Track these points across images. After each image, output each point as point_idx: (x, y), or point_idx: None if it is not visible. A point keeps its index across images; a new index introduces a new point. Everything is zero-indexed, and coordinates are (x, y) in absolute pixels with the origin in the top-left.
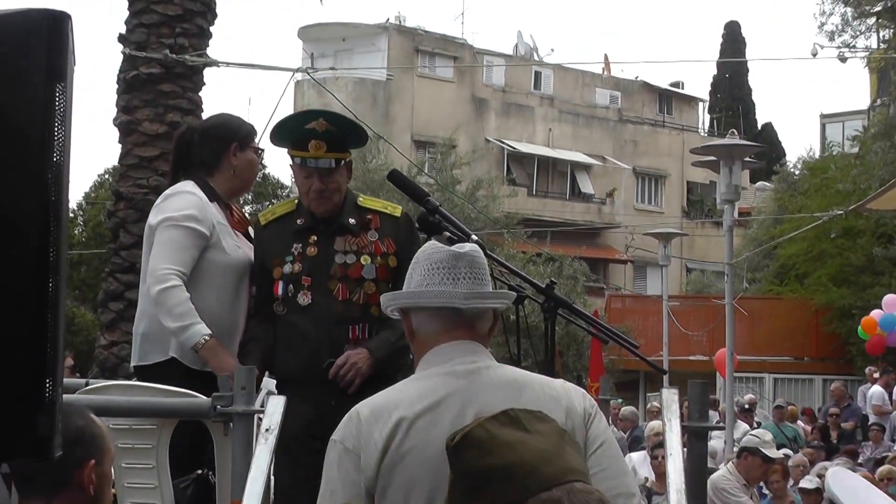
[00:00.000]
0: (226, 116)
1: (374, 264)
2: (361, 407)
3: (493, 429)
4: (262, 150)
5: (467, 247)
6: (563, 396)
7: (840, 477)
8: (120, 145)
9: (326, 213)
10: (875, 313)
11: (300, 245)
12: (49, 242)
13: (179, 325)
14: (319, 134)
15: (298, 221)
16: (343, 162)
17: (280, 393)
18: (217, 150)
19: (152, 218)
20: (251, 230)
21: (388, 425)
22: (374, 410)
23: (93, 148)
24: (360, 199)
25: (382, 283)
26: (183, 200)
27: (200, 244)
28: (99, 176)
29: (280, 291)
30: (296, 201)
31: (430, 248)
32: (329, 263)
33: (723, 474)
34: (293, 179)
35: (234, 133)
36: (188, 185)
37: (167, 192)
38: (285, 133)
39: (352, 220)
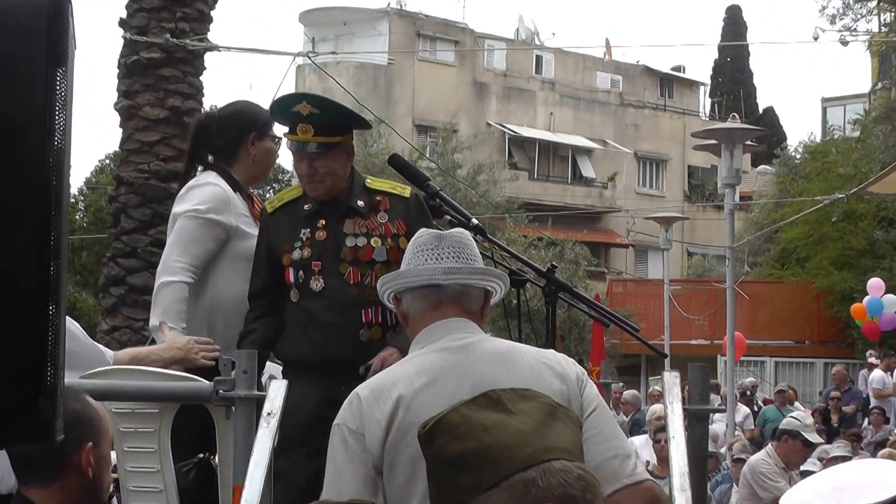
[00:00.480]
0: (244, 104)
1: (385, 246)
2: (360, 389)
3: (469, 412)
4: (280, 139)
5: (454, 230)
6: (556, 363)
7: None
8: (121, 130)
9: (321, 196)
10: (866, 300)
11: (308, 230)
12: (50, 227)
13: (157, 323)
14: (304, 117)
15: (306, 206)
16: (338, 146)
17: (289, 377)
18: (235, 139)
19: (176, 208)
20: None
21: (389, 403)
22: (373, 391)
23: (93, 133)
24: (369, 180)
25: (394, 265)
26: (205, 192)
27: (219, 236)
28: (100, 161)
29: (292, 278)
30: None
31: (417, 234)
32: (339, 247)
33: (761, 458)
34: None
35: (252, 122)
36: (211, 176)
37: (190, 182)
38: (276, 116)
39: (360, 203)
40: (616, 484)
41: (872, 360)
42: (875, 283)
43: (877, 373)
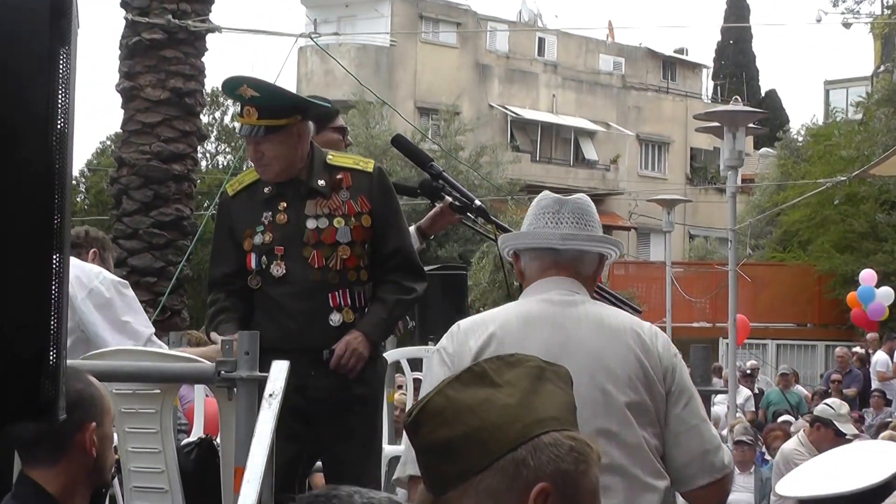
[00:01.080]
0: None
1: (349, 226)
2: (462, 321)
3: (455, 393)
4: (346, 129)
5: (576, 195)
6: (648, 335)
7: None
8: (122, 111)
9: (272, 180)
10: (859, 289)
11: (270, 213)
12: (54, 209)
13: None
14: (246, 100)
15: (266, 189)
16: (284, 128)
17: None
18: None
19: None
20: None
21: (484, 335)
22: (472, 323)
23: (95, 115)
24: (330, 156)
25: (358, 244)
26: None
27: None
28: (101, 143)
29: (253, 264)
30: None
31: (540, 196)
32: (301, 230)
33: (794, 446)
34: None
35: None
36: None
37: None
38: (228, 97)
39: (321, 182)
40: (709, 478)
41: (858, 348)
42: (867, 275)
43: (880, 355)
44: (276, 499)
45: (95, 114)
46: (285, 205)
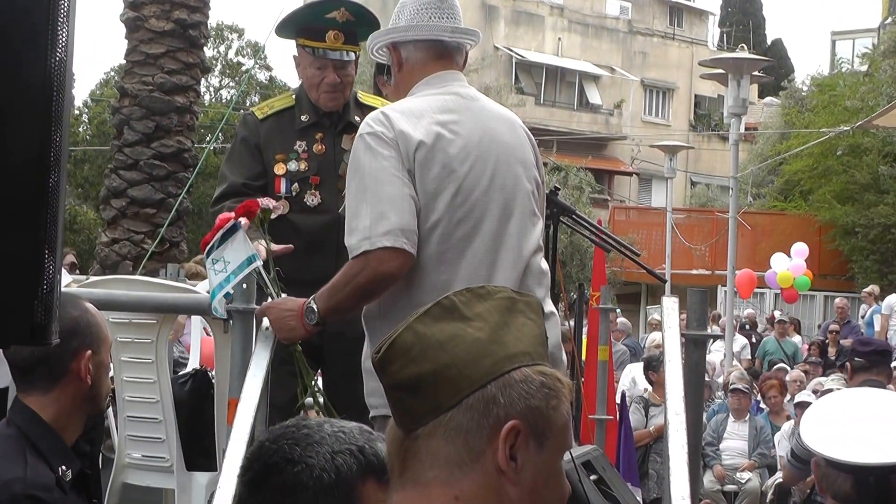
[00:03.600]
0: None
1: None
2: (388, 110)
3: (424, 328)
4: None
5: None
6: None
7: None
8: (126, 42)
9: (337, 108)
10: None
11: (305, 143)
12: (50, 145)
13: None
14: (340, 24)
15: (303, 118)
16: (357, 56)
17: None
18: None
19: None
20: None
21: (421, 124)
22: (402, 112)
23: (100, 46)
24: (360, 94)
25: None
26: None
27: None
28: (105, 74)
29: (283, 189)
30: (293, 96)
31: None
32: (338, 162)
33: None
34: (297, 72)
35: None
36: None
37: None
38: (301, 21)
39: (357, 118)
40: None
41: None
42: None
43: (893, 297)
44: None
45: (101, 45)
46: (322, 135)
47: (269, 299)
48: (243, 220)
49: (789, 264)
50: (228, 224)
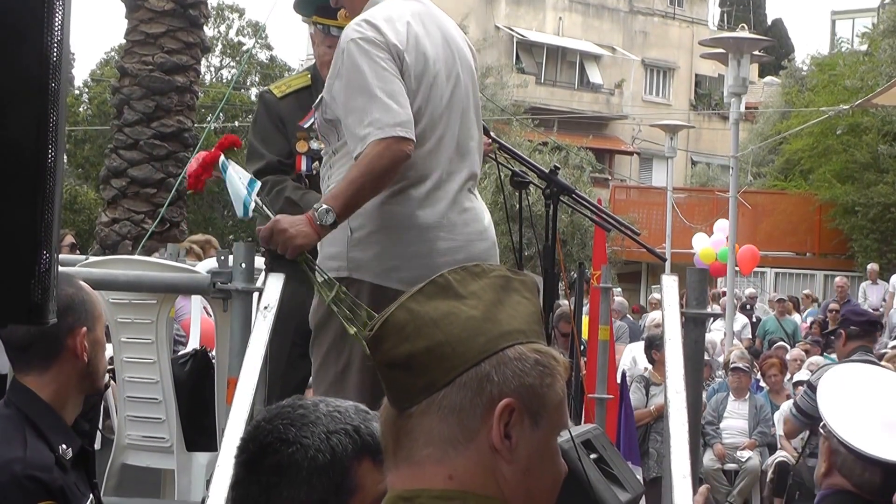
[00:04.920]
0: None
1: None
2: (371, 18)
3: (417, 306)
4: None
5: None
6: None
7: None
8: (126, 21)
9: None
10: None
11: None
12: (48, 126)
13: None
14: None
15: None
16: None
17: (287, 273)
18: None
19: None
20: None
21: (400, 29)
22: (386, 19)
23: (100, 25)
24: None
25: None
26: None
27: None
28: (105, 53)
29: (303, 167)
30: (309, 75)
31: None
32: None
33: None
34: (313, 50)
35: None
36: None
37: None
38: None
39: None
40: None
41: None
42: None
43: None
44: None
45: (101, 25)
46: None
47: None
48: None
49: (710, 241)
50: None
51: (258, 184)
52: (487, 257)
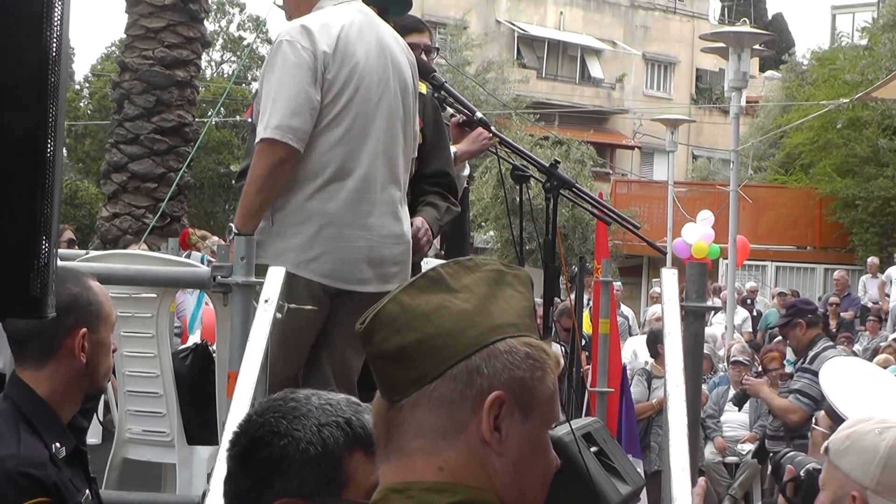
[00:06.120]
0: None
1: None
2: (306, 23)
3: (409, 299)
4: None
5: None
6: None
7: (831, 370)
8: (127, 16)
9: None
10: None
11: None
12: (47, 121)
13: None
14: (374, 2)
15: None
16: None
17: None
18: None
19: None
20: None
21: (333, 35)
22: (319, 25)
23: (101, 20)
24: None
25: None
26: None
27: None
28: (106, 48)
29: None
30: None
31: None
32: None
33: None
34: None
35: None
36: None
37: None
38: None
39: None
40: None
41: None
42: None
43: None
44: None
45: (102, 19)
46: None
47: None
48: None
49: (701, 233)
50: None
51: None
52: (400, 260)
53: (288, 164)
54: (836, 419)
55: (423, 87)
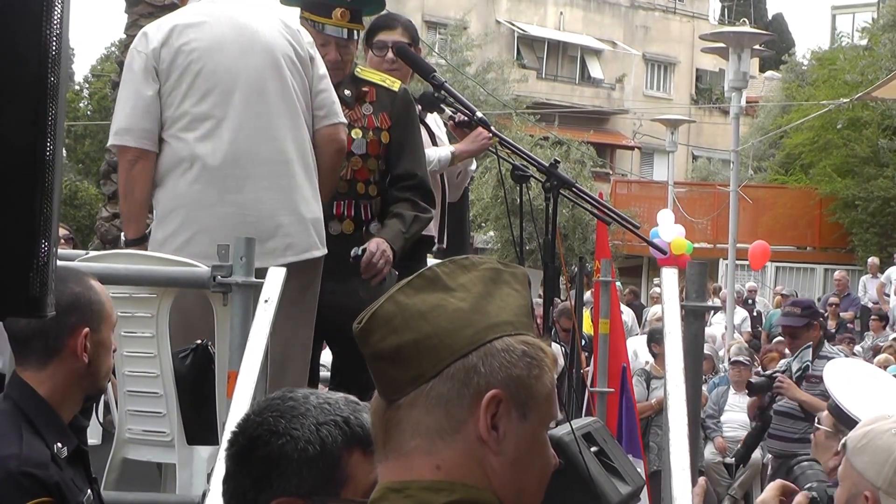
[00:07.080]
0: None
1: (366, 139)
2: (148, 26)
3: (405, 299)
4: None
5: None
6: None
7: (835, 370)
8: (126, 16)
9: (335, 84)
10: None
11: None
12: (47, 123)
13: None
14: (348, 2)
15: None
16: (358, 34)
17: None
18: None
19: None
20: None
21: (165, 29)
22: (159, 25)
23: (100, 20)
24: (358, 69)
25: (372, 158)
26: None
27: None
28: (105, 49)
29: None
30: None
31: None
32: None
33: None
34: None
35: None
36: None
37: None
38: None
39: (347, 92)
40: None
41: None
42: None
43: (893, 270)
44: None
45: (101, 20)
46: None
47: None
48: None
49: (676, 231)
50: None
51: None
52: (289, 233)
53: (140, 162)
54: (840, 418)
55: (394, 85)
